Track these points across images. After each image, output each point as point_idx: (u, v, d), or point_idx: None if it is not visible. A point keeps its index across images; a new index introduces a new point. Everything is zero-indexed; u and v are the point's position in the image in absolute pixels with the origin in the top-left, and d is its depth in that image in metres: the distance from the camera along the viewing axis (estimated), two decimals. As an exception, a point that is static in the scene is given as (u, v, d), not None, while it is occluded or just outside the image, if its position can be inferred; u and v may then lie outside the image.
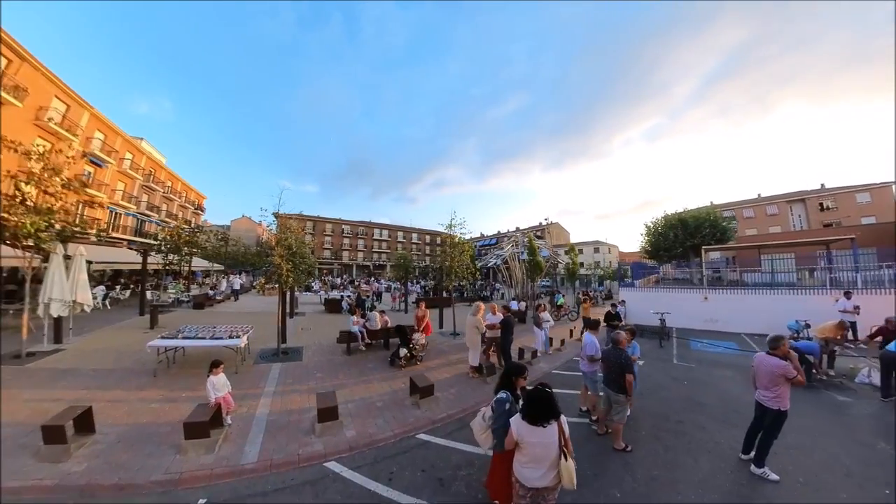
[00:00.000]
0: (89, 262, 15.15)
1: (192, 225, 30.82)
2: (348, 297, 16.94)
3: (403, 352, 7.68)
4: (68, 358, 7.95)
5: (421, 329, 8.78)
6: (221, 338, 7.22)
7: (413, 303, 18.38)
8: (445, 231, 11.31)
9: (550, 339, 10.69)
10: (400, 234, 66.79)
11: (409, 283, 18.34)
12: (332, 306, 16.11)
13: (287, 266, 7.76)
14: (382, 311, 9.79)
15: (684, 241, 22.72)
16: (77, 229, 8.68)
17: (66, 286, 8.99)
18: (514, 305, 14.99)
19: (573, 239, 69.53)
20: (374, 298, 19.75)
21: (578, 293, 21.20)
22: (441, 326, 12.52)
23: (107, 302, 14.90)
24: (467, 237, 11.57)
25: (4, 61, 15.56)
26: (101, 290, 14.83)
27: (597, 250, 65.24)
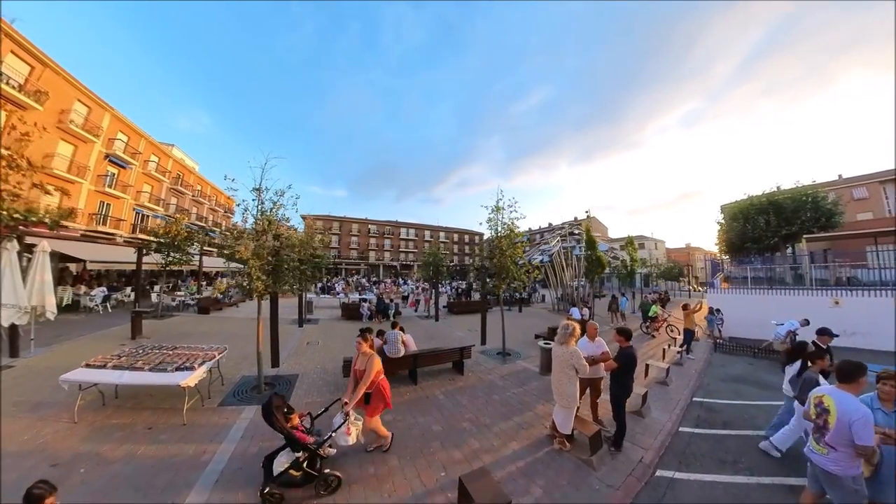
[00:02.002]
0: (83, 261, 13.84)
1: (206, 222, 30.05)
2: (368, 301, 14.41)
3: (281, 461, 3.24)
4: (6, 381, 6.04)
5: (351, 397, 3.75)
6: (165, 370, 4.77)
7: (444, 307, 15.53)
8: (491, 215, 8.31)
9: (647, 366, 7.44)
10: (427, 233, 64.54)
11: (440, 284, 15.53)
12: (350, 312, 13.68)
13: (257, 263, 5.21)
14: (401, 327, 6.60)
15: (778, 229, 18.22)
16: (19, 216, 6.69)
17: (21, 289, 7.24)
18: (576, 314, 11.74)
19: (609, 235, 63.95)
20: (401, 303, 17.18)
21: (645, 296, 17.48)
22: (483, 342, 9.57)
23: (108, 305, 13.44)
24: (520, 226, 8.47)
25: (27, 68, 15.25)
26: (100, 291, 13.38)
27: (641, 246, 59.30)
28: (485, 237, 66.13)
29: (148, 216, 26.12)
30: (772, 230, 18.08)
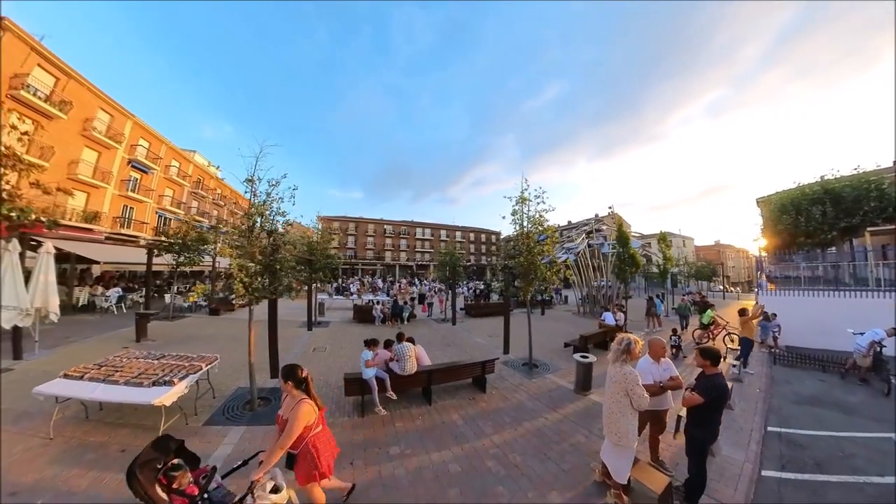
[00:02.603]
0: (97, 262, 13.85)
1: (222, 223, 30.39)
2: (381, 303, 13.69)
3: None
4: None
5: (267, 457, 2.51)
6: (141, 384, 4.17)
7: (462, 310, 14.52)
8: (516, 208, 7.35)
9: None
10: (443, 232, 63.83)
11: (458, 286, 14.64)
12: (363, 315, 13.03)
13: (238, 263, 4.56)
14: (410, 338, 5.74)
15: (836, 221, 16.20)
16: (14, 216, 6.35)
17: (22, 290, 7.03)
18: (609, 319, 10.61)
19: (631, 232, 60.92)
20: (416, 303, 16.42)
21: (682, 298, 15.96)
22: (507, 350, 8.63)
23: (123, 305, 13.39)
24: (549, 218, 7.47)
25: (52, 79, 15.86)
26: (115, 292, 13.35)
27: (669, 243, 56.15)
28: (504, 234, 64.71)
29: (170, 219, 26.70)
30: (829, 222, 16.12)
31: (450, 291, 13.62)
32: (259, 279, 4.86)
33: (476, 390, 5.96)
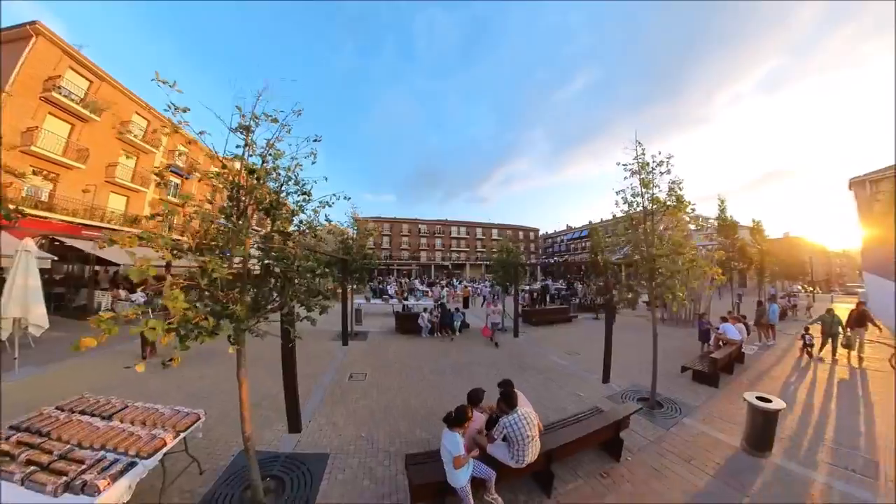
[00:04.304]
0: (117, 265, 13.03)
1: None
2: (429, 311, 11.46)
3: None
4: None
5: None
6: (44, 487, 2.28)
7: (519, 316, 11.69)
8: (643, 177, 4.93)
9: None
10: (478, 230, 61.35)
11: (520, 287, 12.17)
12: (406, 324, 10.97)
13: (205, 265, 2.60)
14: (508, 387, 3.15)
15: None
16: None
17: None
18: (731, 332, 7.81)
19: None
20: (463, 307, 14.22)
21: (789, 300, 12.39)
22: (606, 379, 6.12)
23: (150, 311, 12.45)
24: (684, 195, 4.99)
25: (86, 83, 15.78)
26: (140, 297, 12.43)
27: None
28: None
29: (211, 223, 26.80)
30: None
31: (510, 296, 11.24)
32: (246, 294, 2.89)
33: (604, 456, 3.62)
